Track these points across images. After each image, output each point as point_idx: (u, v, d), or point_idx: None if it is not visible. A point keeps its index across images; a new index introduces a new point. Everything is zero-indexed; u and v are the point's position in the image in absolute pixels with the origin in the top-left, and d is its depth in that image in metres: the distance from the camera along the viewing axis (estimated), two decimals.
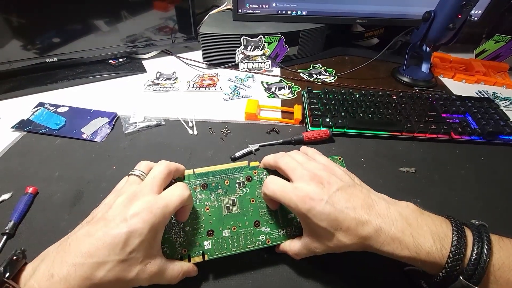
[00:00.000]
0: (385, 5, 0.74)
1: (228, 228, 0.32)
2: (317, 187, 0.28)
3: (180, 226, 0.31)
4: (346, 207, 0.27)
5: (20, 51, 0.60)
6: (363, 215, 0.27)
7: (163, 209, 0.27)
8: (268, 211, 0.34)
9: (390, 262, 0.34)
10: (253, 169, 0.36)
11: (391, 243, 0.26)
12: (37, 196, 0.40)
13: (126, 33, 0.70)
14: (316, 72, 0.75)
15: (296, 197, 0.28)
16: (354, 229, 0.26)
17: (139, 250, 0.25)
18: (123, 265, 0.24)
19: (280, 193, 0.29)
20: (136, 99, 0.62)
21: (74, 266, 0.23)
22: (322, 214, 0.27)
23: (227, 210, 0.33)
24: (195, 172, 0.34)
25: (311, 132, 0.51)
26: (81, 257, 0.23)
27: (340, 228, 0.27)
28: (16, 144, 0.49)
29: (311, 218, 0.27)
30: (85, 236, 0.25)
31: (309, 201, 0.27)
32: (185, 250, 0.30)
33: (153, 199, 0.27)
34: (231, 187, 0.34)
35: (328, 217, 0.27)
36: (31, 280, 0.23)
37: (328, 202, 0.27)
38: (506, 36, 0.78)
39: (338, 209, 0.27)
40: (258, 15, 0.75)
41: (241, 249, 0.31)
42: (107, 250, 0.24)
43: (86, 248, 0.24)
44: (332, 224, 0.27)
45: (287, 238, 0.32)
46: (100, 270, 0.23)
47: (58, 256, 0.24)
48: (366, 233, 0.26)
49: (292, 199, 0.28)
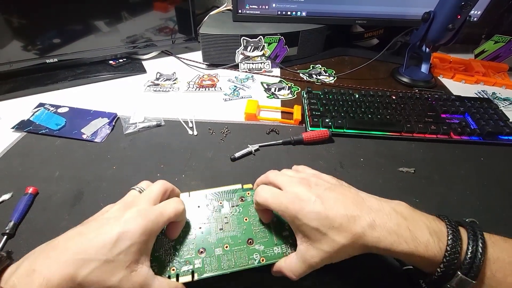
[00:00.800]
0: (385, 6, 0.74)
1: (220, 246, 0.31)
2: (306, 188, 0.29)
3: (170, 244, 0.31)
4: (336, 205, 0.27)
5: (20, 51, 0.61)
6: (354, 210, 0.26)
7: (158, 216, 0.27)
8: (262, 229, 0.33)
9: (389, 262, 0.35)
10: (246, 190, 0.37)
11: (388, 237, 0.25)
12: (37, 196, 0.40)
13: (126, 34, 0.70)
14: (315, 73, 0.75)
15: (286, 199, 0.28)
16: (346, 226, 0.26)
17: (127, 253, 0.25)
18: (108, 267, 0.24)
19: (271, 199, 0.29)
20: (136, 100, 0.62)
21: (57, 262, 0.23)
22: (312, 213, 0.27)
23: (219, 229, 0.33)
24: (190, 195, 0.36)
25: (311, 133, 0.51)
26: (67, 253, 0.23)
27: (332, 226, 0.26)
28: (16, 144, 0.49)
29: (302, 219, 0.27)
30: (75, 235, 0.25)
31: (299, 202, 0.27)
32: (173, 269, 0.29)
33: (148, 207, 0.28)
34: (224, 207, 0.35)
35: (319, 216, 0.26)
36: (12, 277, 0.22)
37: (317, 201, 0.27)
38: (505, 37, 0.78)
39: (328, 207, 0.27)
40: (258, 15, 0.75)
41: (233, 267, 0.30)
42: (95, 249, 0.24)
43: (74, 246, 0.24)
44: (323, 223, 0.26)
45: (282, 256, 0.31)
46: (84, 268, 0.23)
47: (43, 253, 0.24)
48: (359, 228, 0.26)
49: (282, 202, 0.28)
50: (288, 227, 0.33)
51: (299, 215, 0.27)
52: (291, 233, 0.33)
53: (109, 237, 0.24)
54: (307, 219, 0.27)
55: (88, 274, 0.23)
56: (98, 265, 0.23)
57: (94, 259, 0.23)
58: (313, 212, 0.27)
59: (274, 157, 0.49)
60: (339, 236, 0.26)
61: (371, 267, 0.34)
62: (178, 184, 0.43)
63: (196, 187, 0.43)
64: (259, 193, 0.30)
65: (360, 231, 0.26)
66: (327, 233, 0.26)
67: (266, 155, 0.49)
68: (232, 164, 0.47)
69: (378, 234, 0.25)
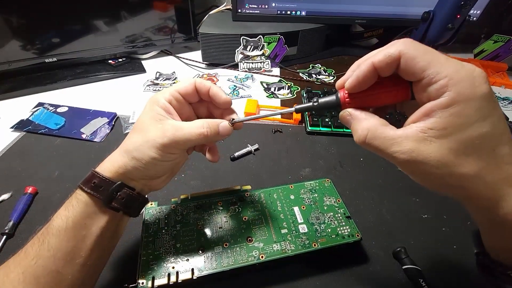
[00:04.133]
0: (385, 6, 0.74)
1: (220, 244, 0.32)
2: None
3: (171, 243, 0.31)
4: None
5: (19, 51, 0.60)
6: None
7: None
8: (261, 227, 0.33)
9: (389, 261, 0.35)
10: (245, 191, 0.37)
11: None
12: (37, 196, 0.40)
13: (126, 33, 0.70)
14: (315, 72, 0.75)
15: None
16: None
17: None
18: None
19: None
20: (136, 99, 0.62)
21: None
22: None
23: (219, 227, 0.33)
24: (190, 197, 0.36)
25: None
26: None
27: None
28: (15, 144, 0.49)
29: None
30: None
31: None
32: (173, 267, 0.30)
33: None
34: (223, 207, 0.35)
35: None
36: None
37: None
38: (504, 36, 0.78)
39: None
40: (258, 15, 0.75)
41: (233, 265, 0.30)
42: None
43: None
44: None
45: (281, 252, 0.31)
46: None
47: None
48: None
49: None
50: (286, 225, 0.34)
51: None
52: (290, 230, 0.33)
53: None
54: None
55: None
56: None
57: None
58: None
59: (274, 156, 0.49)
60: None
61: (371, 266, 0.34)
62: (178, 183, 0.43)
63: (196, 187, 0.43)
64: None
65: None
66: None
67: (265, 155, 0.49)
68: (231, 163, 0.47)
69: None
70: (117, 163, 0.26)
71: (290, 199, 0.37)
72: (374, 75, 0.21)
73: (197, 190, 0.38)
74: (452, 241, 0.38)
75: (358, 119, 0.22)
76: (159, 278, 0.29)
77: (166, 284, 0.28)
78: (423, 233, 0.38)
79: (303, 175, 0.46)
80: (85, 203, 0.26)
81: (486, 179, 0.18)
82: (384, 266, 0.34)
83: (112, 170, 0.26)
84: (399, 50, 0.19)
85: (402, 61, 0.19)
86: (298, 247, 0.32)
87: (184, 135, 0.26)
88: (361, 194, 0.43)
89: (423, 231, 0.39)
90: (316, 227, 0.34)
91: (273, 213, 0.35)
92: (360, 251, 0.36)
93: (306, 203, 0.37)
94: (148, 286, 0.28)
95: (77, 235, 0.25)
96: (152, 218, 0.34)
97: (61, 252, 0.24)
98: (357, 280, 0.33)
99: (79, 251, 0.25)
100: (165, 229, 0.33)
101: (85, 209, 0.25)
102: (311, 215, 0.35)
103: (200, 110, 0.31)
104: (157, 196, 0.39)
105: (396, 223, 0.39)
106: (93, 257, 0.26)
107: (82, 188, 0.26)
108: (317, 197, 0.37)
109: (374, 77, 0.21)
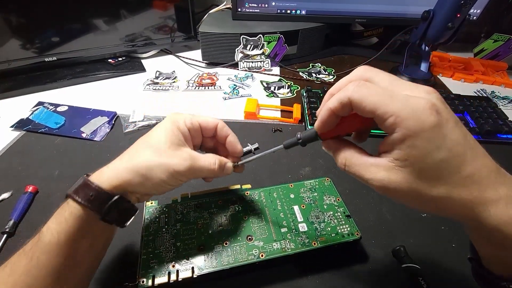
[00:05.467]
0: (385, 4, 0.74)
1: (220, 243, 0.32)
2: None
3: (171, 241, 0.32)
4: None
5: (19, 50, 0.60)
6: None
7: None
8: (261, 226, 0.34)
9: (388, 260, 0.35)
10: (245, 190, 0.38)
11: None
12: (37, 195, 0.41)
13: (126, 32, 0.70)
14: (315, 71, 0.75)
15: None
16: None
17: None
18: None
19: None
20: (136, 98, 0.62)
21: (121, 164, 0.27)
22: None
23: (219, 226, 0.33)
24: (190, 196, 0.36)
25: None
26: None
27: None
28: (15, 143, 0.49)
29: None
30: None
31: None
32: (173, 265, 0.30)
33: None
34: (224, 206, 0.36)
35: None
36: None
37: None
38: (504, 35, 0.78)
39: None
40: (257, 14, 0.75)
41: (233, 263, 0.30)
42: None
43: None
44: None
45: (281, 251, 0.31)
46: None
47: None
48: None
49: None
50: (286, 223, 0.34)
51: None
52: (289, 229, 0.33)
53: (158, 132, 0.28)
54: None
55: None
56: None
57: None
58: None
59: (274, 156, 0.49)
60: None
61: (371, 265, 0.34)
62: None
63: (196, 186, 0.43)
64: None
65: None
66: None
67: (266, 155, 0.49)
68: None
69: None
70: (121, 177, 0.25)
71: (290, 198, 0.37)
72: (336, 116, 0.22)
73: (197, 189, 0.38)
74: (451, 240, 0.38)
75: (337, 149, 0.25)
76: (160, 276, 0.29)
77: (166, 282, 0.28)
78: (423, 232, 0.39)
79: (303, 174, 0.46)
80: (79, 217, 0.24)
81: (458, 200, 0.19)
82: (384, 265, 0.35)
83: (114, 183, 0.25)
84: (348, 97, 0.20)
85: (353, 105, 0.20)
86: (298, 246, 0.32)
87: (200, 168, 0.28)
88: (360, 193, 0.43)
89: (422, 230, 0.39)
90: (316, 226, 0.34)
91: (273, 212, 0.35)
92: (360, 250, 0.36)
93: (306, 202, 0.37)
94: (148, 284, 0.28)
95: (69, 250, 0.24)
96: (152, 217, 0.34)
97: (52, 268, 0.23)
98: (357, 279, 0.33)
99: (70, 265, 0.24)
100: (165, 227, 0.33)
101: (79, 224, 0.24)
102: (311, 214, 0.35)
103: (207, 142, 0.33)
104: (157, 195, 0.39)
105: (395, 222, 0.40)
106: (83, 268, 0.26)
107: (76, 200, 0.24)
108: (317, 196, 0.37)
109: (336, 117, 0.22)
